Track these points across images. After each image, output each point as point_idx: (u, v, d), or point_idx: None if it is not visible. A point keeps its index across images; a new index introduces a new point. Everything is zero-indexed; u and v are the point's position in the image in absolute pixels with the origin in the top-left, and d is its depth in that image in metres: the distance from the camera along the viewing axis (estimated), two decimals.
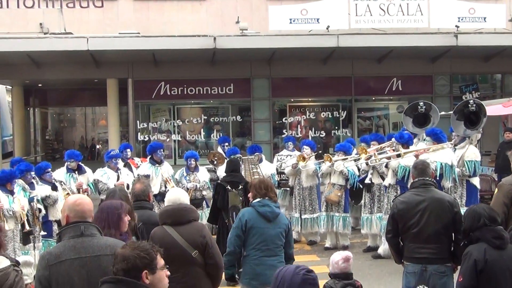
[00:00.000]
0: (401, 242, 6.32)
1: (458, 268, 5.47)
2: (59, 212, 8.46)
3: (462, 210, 6.56)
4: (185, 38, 17.04)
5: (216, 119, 19.83)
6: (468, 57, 19.14)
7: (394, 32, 17.62)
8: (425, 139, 11.52)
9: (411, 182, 6.73)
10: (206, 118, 19.71)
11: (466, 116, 10.65)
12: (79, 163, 11.49)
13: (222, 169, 11.80)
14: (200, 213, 9.81)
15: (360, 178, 11.79)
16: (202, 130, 19.67)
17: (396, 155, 10.55)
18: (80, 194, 8.96)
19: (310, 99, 20.27)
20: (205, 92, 19.29)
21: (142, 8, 19.11)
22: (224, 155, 12.93)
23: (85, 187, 11.20)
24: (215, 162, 12.92)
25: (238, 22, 18.19)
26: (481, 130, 10.87)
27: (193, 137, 19.67)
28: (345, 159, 11.69)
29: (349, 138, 14.99)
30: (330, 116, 19.96)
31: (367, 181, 11.51)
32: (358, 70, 19.48)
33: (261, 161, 12.71)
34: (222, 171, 11.35)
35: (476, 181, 10.49)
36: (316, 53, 18.02)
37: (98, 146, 27.71)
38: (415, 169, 6.50)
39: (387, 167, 10.80)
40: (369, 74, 19.71)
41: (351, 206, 12.50)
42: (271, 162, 14.08)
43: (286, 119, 19.79)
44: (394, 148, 11.06)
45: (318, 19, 18.26)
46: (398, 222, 6.23)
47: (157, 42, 16.89)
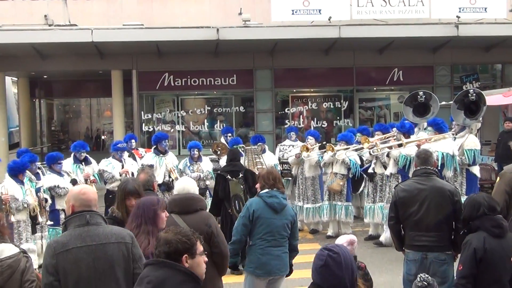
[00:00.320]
0: (402, 230, 6.34)
1: (459, 256, 5.49)
2: None
3: (462, 198, 6.56)
4: (188, 29, 16.99)
5: (219, 110, 19.82)
6: (468, 47, 19.09)
7: (395, 22, 17.54)
8: (426, 129, 11.50)
9: (414, 170, 6.74)
10: (209, 108, 19.73)
11: (466, 105, 10.63)
12: (86, 154, 11.55)
13: (224, 159, 11.82)
14: None
15: (363, 168, 11.81)
16: (205, 120, 19.66)
17: (397, 145, 10.56)
18: (84, 184, 8.99)
19: (312, 90, 20.25)
20: (208, 83, 19.28)
21: (146, 0, 19.07)
22: (227, 146, 12.94)
23: (92, 178, 11.25)
24: (219, 152, 12.94)
25: (240, 13, 18.16)
26: (481, 119, 10.86)
27: (196, 127, 19.68)
28: (347, 149, 11.71)
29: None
30: (332, 106, 19.95)
31: (370, 170, 11.52)
32: (360, 61, 19.43)
33: (264, 151, 12.73)
34: (224, 162, 11.36)
35: (476, 170, 10.48)
36: (318, 44, 17.99)
37: (103, 137, 27.72)
38: (418, 158, 6.51)
39: (389, 157, 10.82)
40: (370, 64, 19.66)
41: (353, 195, 12.52)
42: (274, 151, 14.10)
43: (288, 110, 19.78)
44: (395, 137, 11.07)
45: (320, 10, 18.22)
46: (399, 210, 6.25)
47: (161, 34, 16.88)
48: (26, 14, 18.26)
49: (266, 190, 6.44)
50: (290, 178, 12.91)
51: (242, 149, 12.15)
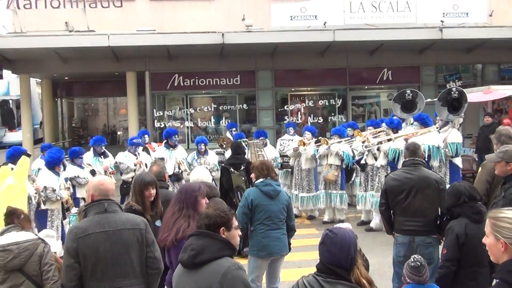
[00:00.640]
0: (392, 216, 6.34)
1: (443, 239, 5.48)
2: None
3: (447, 187, 6.55)
4: (196, 34, 16.98)
5: (224, 107, 19.81)
6: (451, 49, 19.02)
7: (385, 27, 17.50)
8: (412, 124, 11.50)
9: (403, 161, 6.73)
10: (215, 106, 19.72)
11: (449, 102, 10.61)
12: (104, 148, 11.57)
13: (229, 152, 11.79)
14: None
15: (356, 159, 11.81)
16: (212, 117, 19.67)
17: (387, 140, 10.55)
18: (103, 175, 9.00)
19: (309, 89, 20.21)
20: (214, 83, 19.27)
21: (158, 7, 19.03)
22: (232, 140, 12.93)
23: (111, 170, 11.27)
24: (224, 146, 12.92)
25: (243, 19, 18.11)
26: (463, 115, 10.81)
27: (204, 123, 19.70)
28: (339, 142, 11.70)
29: (350, 122, 14.89)
30: (327, 103, 19.92)
31: (362, 162, 11.52)
32: (352, 62, 19.39)
33: (266, 145, 12.71)
34: (229, 154, 11.34)
35: (458, 161, 10.46)
36: (314, 46, 17.94)
37: (119, 133, 27.72)
38: (407, 150, 6.51)
39: (379, 150, 10.81)
40: (362, 65, 19.61)
41: (346, 184, 12.51)
42: (274, 145, 14.08)
43: (287, 107, 19.76)
44: (385, 132, 11.06)
45: (316, 16, 18.22)
46: (389, 197, 6.24)
47: (171, 38, 16.86)
48: (48, 21, 18.23)
49: (261, 180, 6.46)
50: (290, 170, 12.91)
51: (246, 143, 12.13)
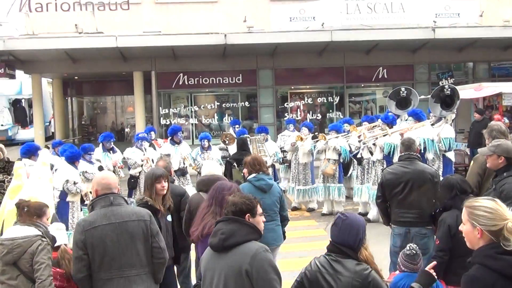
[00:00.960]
0: (388, 208, 6.31)
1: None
2: None
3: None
4: (200, 35, 16.97)
5: (227, 105, 19.80)
6: (444, 48, 18.96)
7: (380, 27, 17.47)
8: (406, 119, 11.49)
9: (399, 155, 6.70)
10: (218, 104, 19.71)
11: (442, 99, 10.55)
12: (112, 144, 11.56)
13: (232, 148, 11.79)
14: None
15: (353, 153, 11.79)
16: (215, 114, 19.67)
17: (383, 134, 10.52)
18: (105, 171, 8.95)
19: (308, 87, 20.17)
20: (217, 82, 19.24)
21: (163, 9, 18.98)
22: (234, 136, 12.90)
23: (119, 165, 11.26)
24: (227, 142, 12.88)
25: (245, 21, 18.05)
26: (455, 111, 10.77)
27: (207, 120, 19.68)
28: (337, 137, 11.68)
29: (345, 118, 14.87)
30: (325, 101, 19.89)
31: (358, 156, 11.52)
32: (349, 61, 19.35)
33: (267, 140, 12.68)
34: (233, 150, 11.32)
35: (451, 155, 10.42)
36: (312, 46, 17.90)
37: (126, 130, 27.68)
38: (403, 145, 6.49)
39: (375, 145, 10.78)
40: (358, 64, 19.57)
41: (344, 177, 12.48)
42: (275, 141, 14.05)
43: (287, 104, 19.74)
44: (381, 128, 11.03)
45: (314, 17, 18.19)
46: (386, 190, 6.22)
47: (176, 39, 16.85)
48: (59, 24, 18.19)
49: (254, 175, 6.37)
50: (288, 164, 12.89)
51: (248, 139, 12.10)
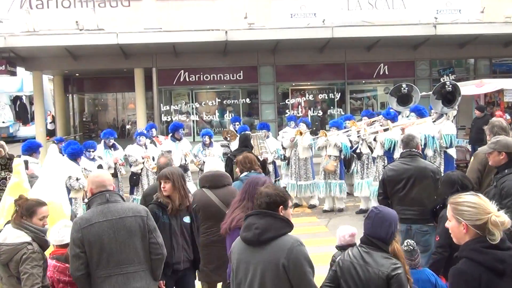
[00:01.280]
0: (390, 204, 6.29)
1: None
2: None
3: None
4: (201, 32, 16.92)
5: (228, 102, 19.75)
6: (445, 44, 18.91)
7: (381, 24, 17.42)
8: (408, 116, 11.48)
9: (401, 152, 6.70)
10: (219, 100, 19.66)
11: (443, 95, 10.55)
12: (114, 141, 11.53)
13: (234, 144, 11.78)
14: None
15: (352, 148, 11.81)
16: (216, 111, 19.63)
17: (383, 129, 10.52)
18: (99, 170, 8.96)
19: (309, 83, 20.14)
20: (218, 78, 19.21)
21: (164, 6, 18.94)
22: (235, 132, 12.90)
23: (121, 162, 11.25)
24: (228, 138, 12.87)
25: (246, 17, 18.00)
26: (456, 107, 10.76)
27: (209, 117, 19.66)
28: (337, 134, 11.68)
29: (346, 115, 14.85)
30: (326, 97, 19.85)
31: (357, 151, 11.56)
32: (350, 57, 19.30)
33: (268, 137, 12.68)
34: (234, 146, 11.32)
35: (452, 151, 10.41)
36: (313, 43, 17.86)
37: (127, 126, 27.71)
38: (402, 141, 6.50)
39: (375, 140, 10.77)
40: (359, 60, 19.53)
41: (346, 173, 12.49)
42: (276, 138, 14.05)
43: (288, 101, 19.71)
44: (381, 124, 11.02)
45: (315, 14, 18.18)
46: (387, 187, 6.21)
47: (177, 36, 16.80)
48: (60, 21, 18.15)
49: (245, 173, 6.35)
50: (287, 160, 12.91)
51: (249, 135, 12.09)
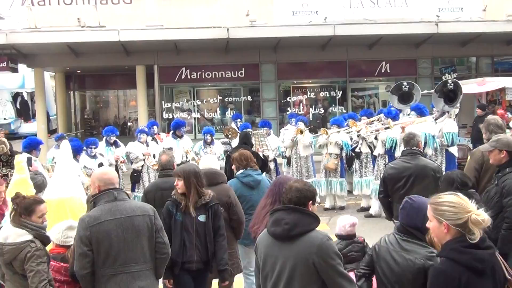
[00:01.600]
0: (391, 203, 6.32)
1: None
2: None
3: None
4: (202, 29, 16.91)
5: (229, 99, 19.77)
6: (447, 42, 18.88)
7: (383, 21, 17.39)
8: (409, 114, 11.48)
9: (402, 150, 6.72)
10: (221, 98, 19.67)
11: (445, 94, 10.59)
12: (115, 138, 11.54)
13: (235, 142, 11.79)
14: None
15: (352, 147, 11.83)
16: (218, 108, 19.65)
17: (384, 128, 10.53)
18: (104, 167, 8.95)
19: (310, 81, 20.13)
20: (220, 76, 19.21)
21: (166, 3, 18.93)
22: (237, 130, 12.90)
23: (122, 159, 11.25)
24: (229, 136, 12.88)
25: (247, 14, 17.99)
26: (458, 106, 10.78)
27: (210, 115, 19.67)
28: (338, 132, 11.69)
29: (350, 113, 14.84)
30: (328, 95, 19.84)
31: (357, 150, 11.57)
32: (352, 55, 19.28)
33: (269, 134, 12.69)
34: (235, 144, 11.31)
35: (454, 150, 10.44)
36: (315, 41, 17.84)
37: (129, 124, 27.68)
38: (403, 140, 6.54)
39: (376, 139, 10.78)
40: (361, 58, 19.51)
41: (346, 172, 12.50)
42: (278, 135, 14.07)
43: (290, 99, 19.71)
44: (383, 122, 11.03)
45: (317, 11, 18.15)
46: (388, 185, 6.22)
47: (178, 33, 16.81)
48: (61, 18, 18.16)
49: (241, 171, 6.34)
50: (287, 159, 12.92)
51: (250, 133, 12.10)
